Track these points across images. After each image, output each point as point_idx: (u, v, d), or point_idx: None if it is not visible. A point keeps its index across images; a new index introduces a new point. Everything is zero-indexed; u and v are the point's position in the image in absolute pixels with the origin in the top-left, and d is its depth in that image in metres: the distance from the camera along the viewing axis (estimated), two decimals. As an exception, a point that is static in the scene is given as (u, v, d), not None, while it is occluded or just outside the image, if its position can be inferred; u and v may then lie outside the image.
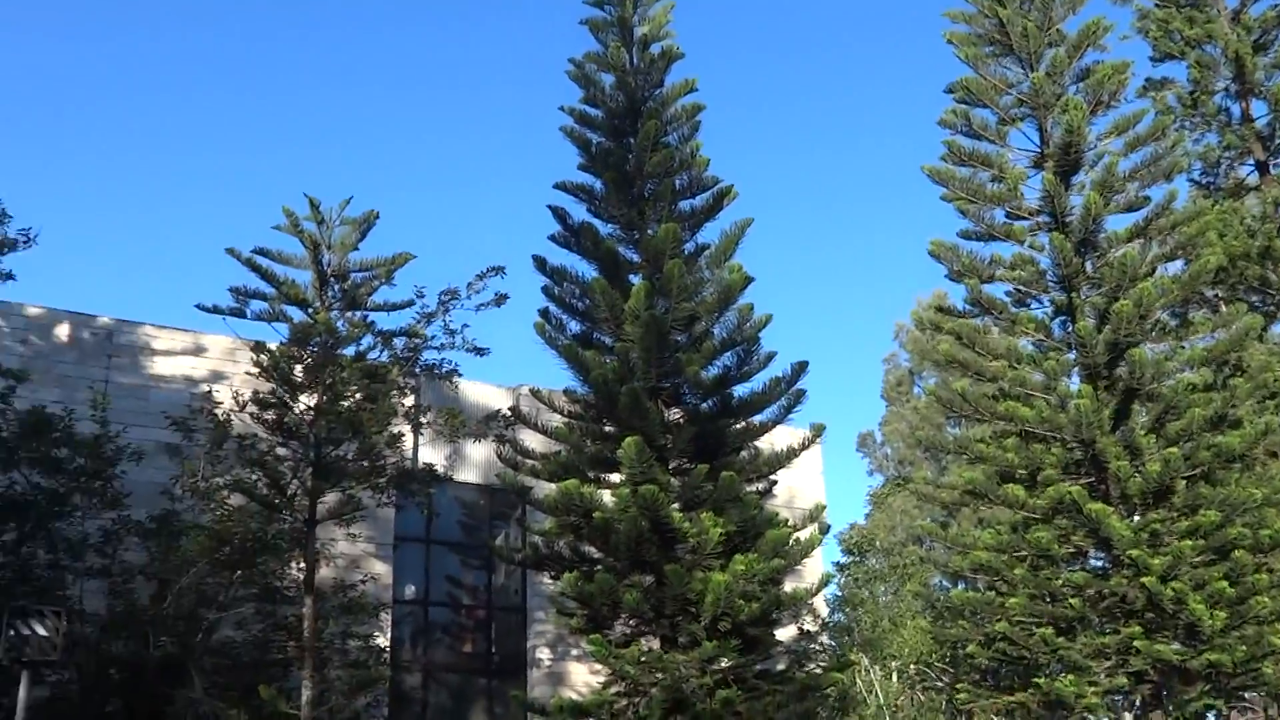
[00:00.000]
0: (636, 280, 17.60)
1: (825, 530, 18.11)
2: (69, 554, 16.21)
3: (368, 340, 16.89)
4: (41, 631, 12.21)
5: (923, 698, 23.85)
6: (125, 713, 15.79)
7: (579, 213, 18.74)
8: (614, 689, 16.58)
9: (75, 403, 17.57)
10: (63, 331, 20.64)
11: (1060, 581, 17.67)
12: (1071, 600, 17.28)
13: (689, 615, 15.90)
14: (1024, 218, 19.72)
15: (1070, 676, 16.92)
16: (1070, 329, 18.95)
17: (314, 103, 70.13)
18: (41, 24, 64.03)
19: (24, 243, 17.20)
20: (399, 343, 17.29)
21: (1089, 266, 19.11)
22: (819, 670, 20.24)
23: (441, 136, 70.75)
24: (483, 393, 22.13)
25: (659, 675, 15.68)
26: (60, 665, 13.92)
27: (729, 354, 17.69)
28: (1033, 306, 19.68)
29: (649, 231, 18.12)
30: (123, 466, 16.97)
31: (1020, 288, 19.57)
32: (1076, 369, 18.90)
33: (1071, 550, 18.04)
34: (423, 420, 18.65)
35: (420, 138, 69.93)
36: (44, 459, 16.16)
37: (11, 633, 12.04)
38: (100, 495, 16.57)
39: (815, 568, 21.41)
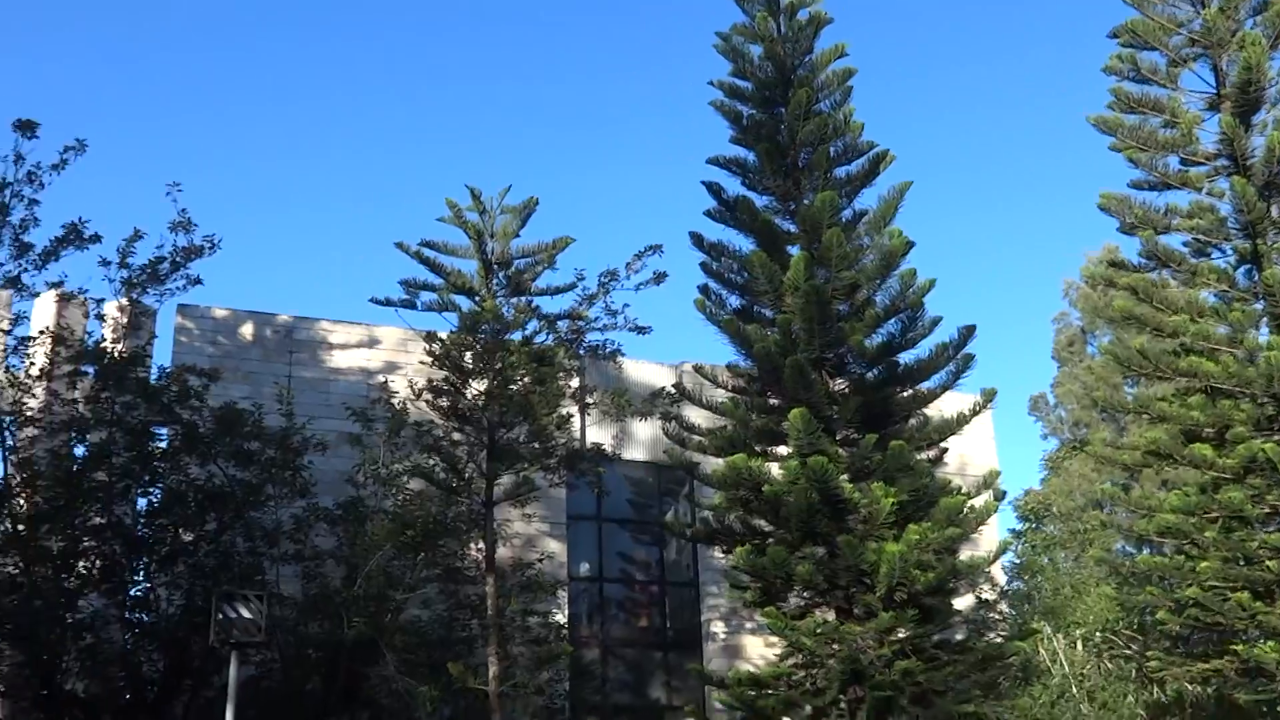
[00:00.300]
0: (795, 251, 17.48)
1: (1000, 497, 17.73)
2: (265, 541, 17.06)
3: (533, 325, 17.25)
4: (246, 615, 12.94)
5: (1110, 666, 23.10)
6: (324, 689, 16.56)
7: (733, 186, 18.71)
8: (791, 661, 16.61)
9: (262, 398, 18.45)
10: (247, 331, 21.71)
11: (1256, 544, 16.89)
12: (1269, 563, 16.49)
13: (864, 586, 15.80)
14: (1200, 163, 18.81)
15: (1271, 643, 16.18)
16: (1256, 278, 18.01)
17: (469, 94, 71.69)
18: (205, 27, 67.16)
19: (209, 249, 18.10)
20: (563, 325, 17.60)
21: (1275, 210, 18.12)
22: (999, 639, 19.85)
23: (592, 119, 71.49)
24: (646, 371, 22.36)
25: (836, 647, 15.64)
26: (263, 646, 14.68)
27: (893, 321, 17.44)
28: (1213, 256, 18.76)
29: (805, 201, 17.95)
30: (309, 457, 17.73)
31: (1199, 237, 18.68)
32: (1265, 319, 17.98)
33: (1266, 510, 17.21)
34: (589, 401, 18.95)
35: (572, 122, 70.82)
36: (237, 452, 17.00)
37: (220, 616, 12.80)
38: (290, 485, 17.34)
39: (991, 535, 20.96)
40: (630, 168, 70.48)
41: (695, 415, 19.80)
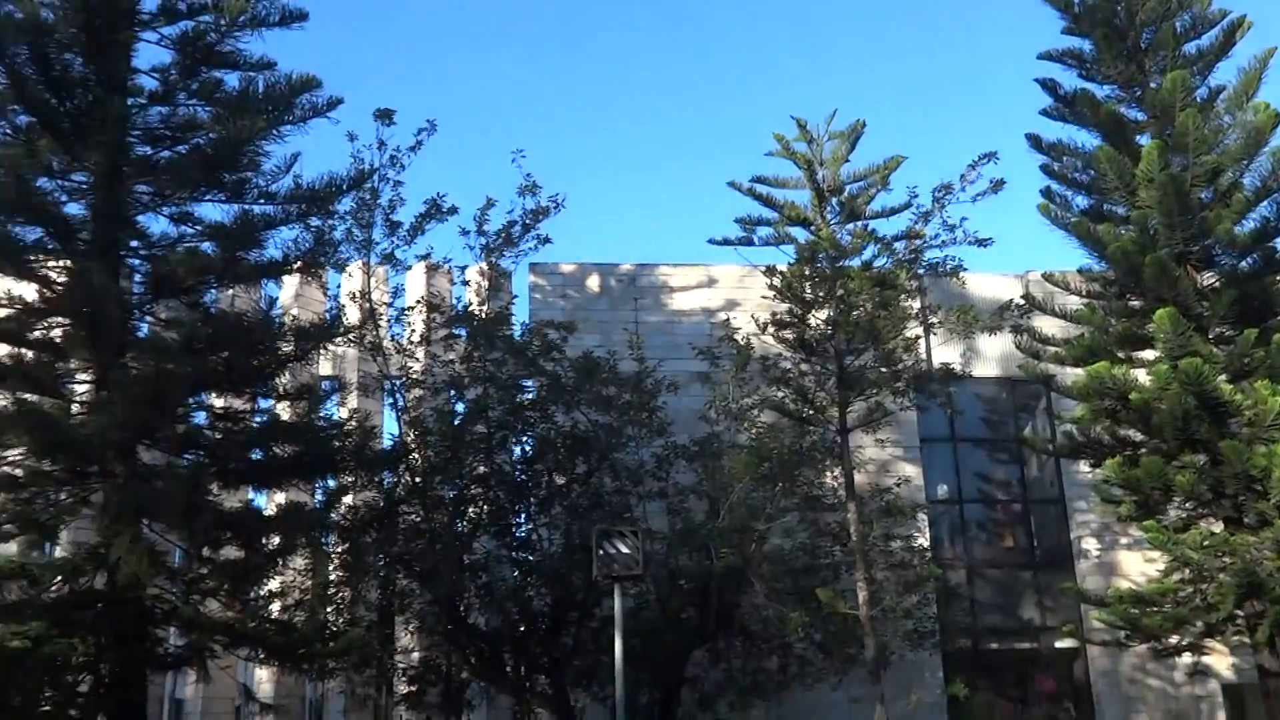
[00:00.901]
0: (1145, 140, 16.37)
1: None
2: (630, 480, 17.93)
3: (871, 249, 17.05)
4: (624, 550, 13.68)
5: None
6: (698, 617, 17.30)
7: (1069, 80, 17.73)
8: (1177, 576, 15.78)
9: (613, 345, 19.32)
10: (593, 282, 22.78)
11: None
12: None
13: (1254, 493, 14.74)
14: None
15: None
16: None
17: (779, 25, 71.08)
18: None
19: (554, 208, 19.12)
20: (900, 246, 17.29)
21: None
22: None
23: (911, 32, 69.08)
24: (990, 284, 21.63)
25: (1227, 559, 14.70)
26: (639, 579, 15.49)
27: (1265, 204, 16.03)
28: None
29: (1152, 85, 16.75)
30: (662, 398, 18.42)
31: None
32: None
33: None
34: (934, 320, 18.58)
35: (888, 40, 68.74)
36: (597, 398, 17.92)
37: (601, 552, 13.61)
38: (648, 425, 18.10)
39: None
40: (957, 76, 67.72)
41: (1047, 325, 19.01)
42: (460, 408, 18.71)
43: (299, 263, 16.13)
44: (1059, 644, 21.41)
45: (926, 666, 19.95)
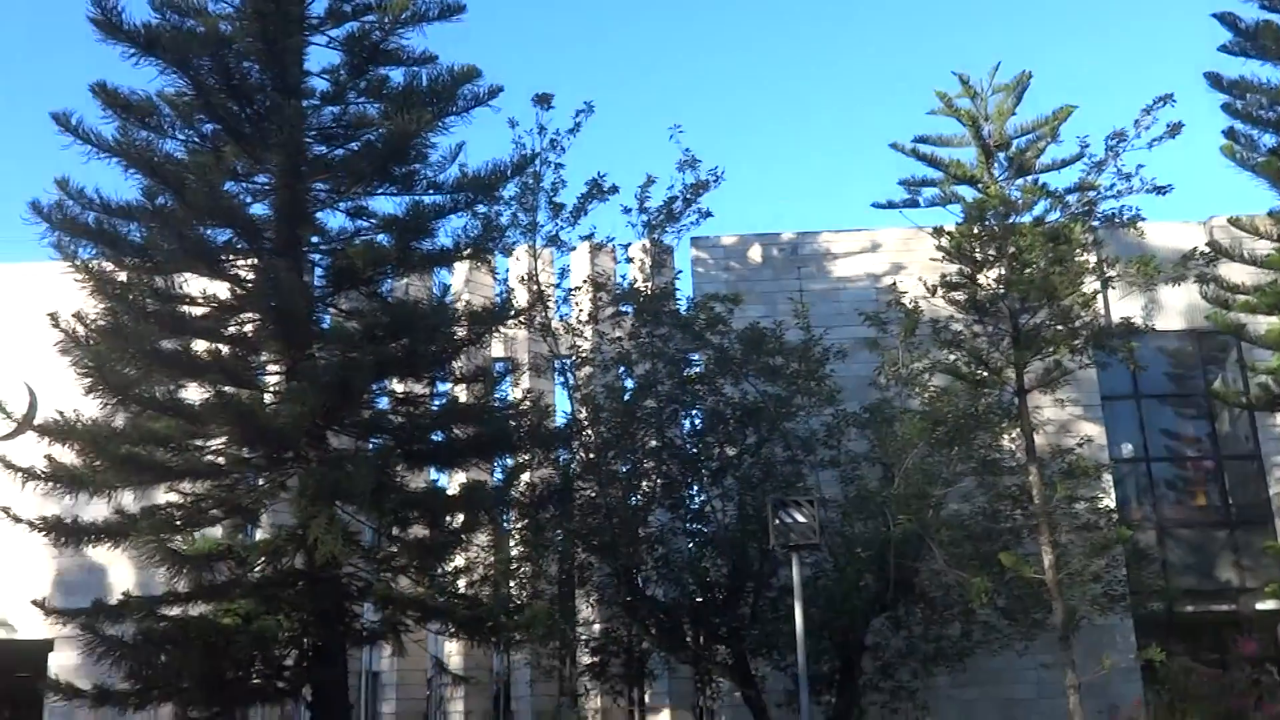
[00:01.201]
0: (1339, 71, 15.38)
1: None
2: (801, 449, 17.90)
3: (1042, 204, 16.51)
4: (800, 519, 13.71)
5: None
6: (876, 585, 17.16)
7: (1249, 13, 16.75)
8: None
9: (778, 315, 19.26)
10: (755, 253, 22.72)
11: None
12: None
13: None
14: None
15: None
16: None
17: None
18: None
19: (714, 181, 19.13)
20: (1073, 199, 16.69)
21: None
22: None
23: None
24: (1170, 233, 20.67)
25: None
26: (816, 548, 15.48)
27: None
28: None
29: (1345, 11, 15.68)
30: (831, 366, 18.28)
31: None
32: None
33: None
34: (1111, 274, 17.87)
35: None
36: (765, 369, 17.93)
37: (777, 522, 13.67)
38: (817, 394, 18.01)
39: None
40: (1125, 18, 64.71)
41: (1235, 273, 18.14)
42: (630, 384, 18.98)
43: (468, 249, 16.58)
44: (1260, 605, 20.45)
45: (1118, 631, 19.35)
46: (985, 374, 16.55)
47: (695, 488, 18.82)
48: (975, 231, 16.35)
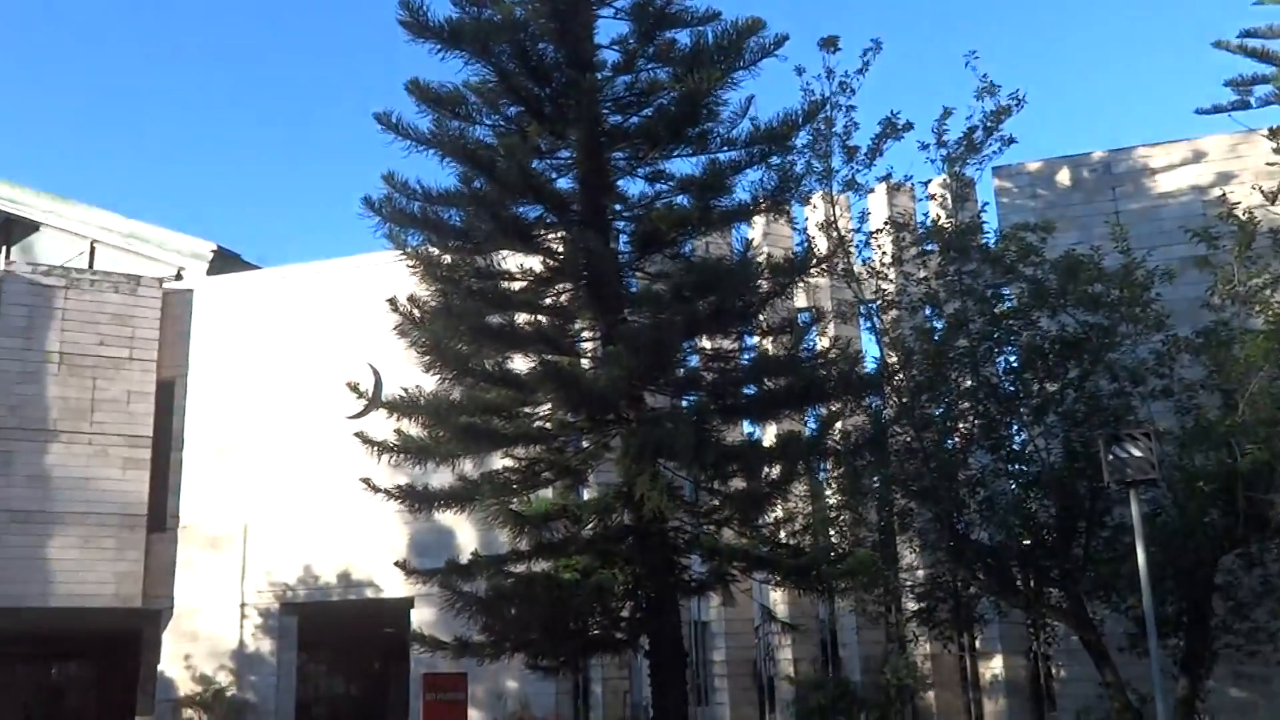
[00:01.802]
0: None
1: None
2: (1129, 380, 16.91)
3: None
4: (1136, 453, 13.02)
5: None
6: (1223, 521, 16.03)
7: None
8: None
9: (1093, 239, 18.22)
10: (1064, 177, 21.58)
11: None
12: None
13: None
14: None
15: None
16: None
17: None
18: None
19: (1016, 105, 18.30)
20: None
21: None
22: None
23: None
24: None
25: None
26: (1155, 483, 14.66)
27: None
28: None
29: None
30: (1156, 289, 17.15)
31: None
32: None
33: None
34: None
35: None
36: (1083, 298, 17.02)
37: (1110, 457, 13.04)
38: (1143, 321, 16.94)
39: None
40: None
41: None
42: (939, 324, 18.53)
43: (766, 202, 16.60)
44: None
45: None
46: (1342, 285, 15.08)
47: (1015, 427, 18.19)
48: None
